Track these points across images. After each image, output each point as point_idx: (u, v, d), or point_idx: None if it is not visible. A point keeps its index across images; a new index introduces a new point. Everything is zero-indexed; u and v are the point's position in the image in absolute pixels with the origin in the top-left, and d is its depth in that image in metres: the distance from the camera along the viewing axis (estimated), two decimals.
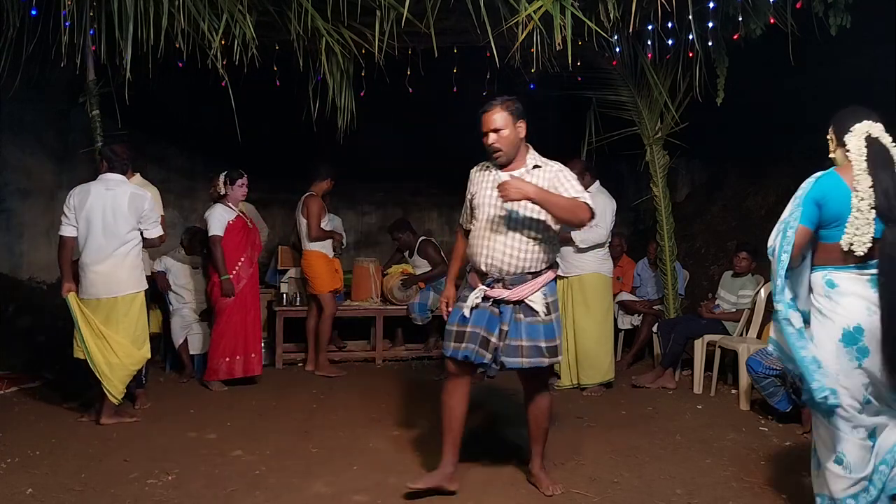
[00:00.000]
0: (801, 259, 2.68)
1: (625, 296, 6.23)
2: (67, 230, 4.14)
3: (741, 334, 5.18)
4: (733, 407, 4.72)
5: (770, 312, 5.02)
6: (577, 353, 5.16)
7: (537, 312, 3.07)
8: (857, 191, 2.54)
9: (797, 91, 5.74)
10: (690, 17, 4.17)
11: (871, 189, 2.51)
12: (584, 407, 4.74)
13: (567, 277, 5.21)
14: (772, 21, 4.47)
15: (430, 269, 6.31)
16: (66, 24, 4.05)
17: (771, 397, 4.23)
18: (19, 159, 6.13)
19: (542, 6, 3.85)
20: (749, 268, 5.36)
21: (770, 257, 2.66)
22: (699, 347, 5.17)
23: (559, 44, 3.92)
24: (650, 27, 4.83)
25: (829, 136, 2.81)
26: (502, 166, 3.20)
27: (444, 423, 3.16)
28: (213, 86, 4.56)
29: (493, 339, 3.06)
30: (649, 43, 5.09)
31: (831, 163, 2.76)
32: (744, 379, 4.64)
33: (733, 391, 5.03)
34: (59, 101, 6.18)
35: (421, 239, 6.50)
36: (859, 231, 2.52)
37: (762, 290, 5.17)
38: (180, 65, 4.48)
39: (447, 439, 3.16)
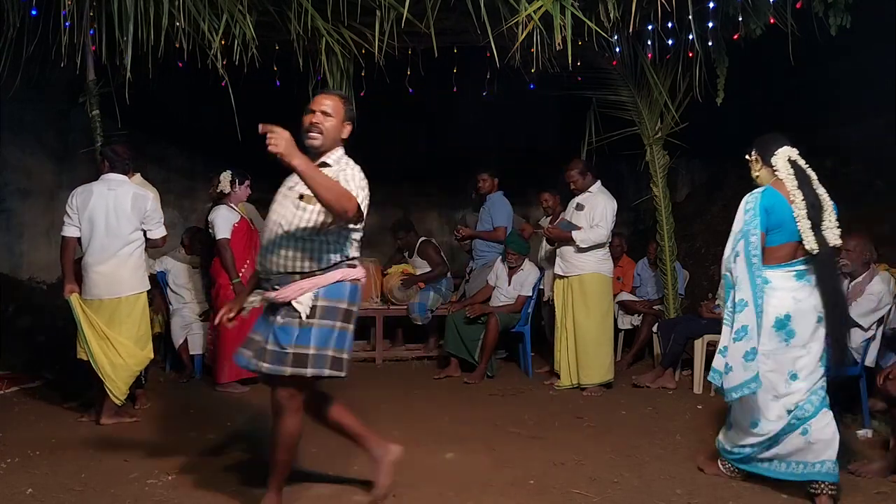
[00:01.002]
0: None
1: (625, 296, 6.23)
2: (70, 230, 4.13)
3: None
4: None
5: None
6: (577, 353, 5.16)
7: (298, 314, 2.75)
8: (796, 203, 3.08)
9: (797, 91, 5.75)
10: (690, 17, 4.17)
11: (803, 202, 3.06)
12: (584, 407, 4.74)
13: (567, 277, 5.22)
14: (772, 21, 4.47)
15: (429, 269, 6.31)
16: (66, 24, 4.05)
17: None
18: (19, 159, 6.13)
19: (542, 6, 3.85)
20: None
21: (731, 263, 3.13)
22: (699, 347, 5.17)
23: (559, 44, 3.93)
24: (650, 27, 4.83)
25: (753, 158, 3.45)
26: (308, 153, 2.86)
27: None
28: (213, 86, 4.56)
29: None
30: (649, 43, 5.09)
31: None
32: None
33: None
34: (59, 101, 6.18)
35: (421, 240, 6.50)
36: (808, 235, 3.03)
37: None
38: (180, 65, 4.48)
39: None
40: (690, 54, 5.00)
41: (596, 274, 5.16)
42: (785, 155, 3.26)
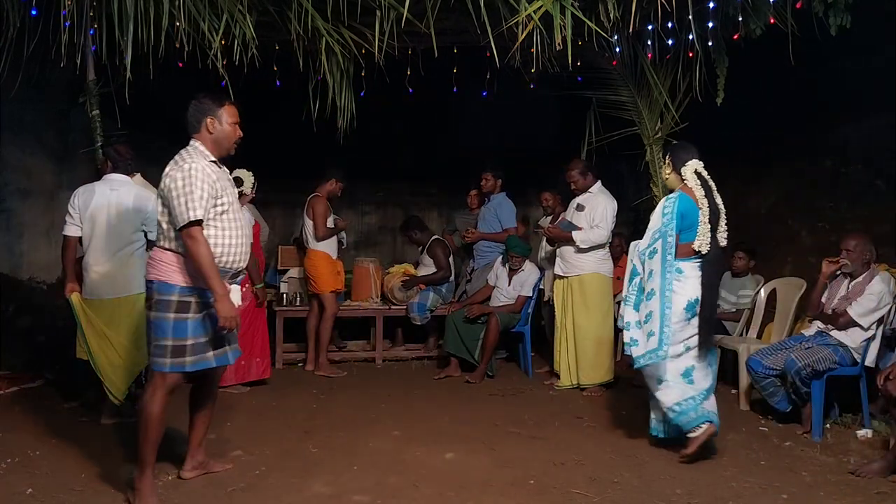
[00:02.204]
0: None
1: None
2: (71, 230, 4.14)
3: (741, 334, 5.18)
4: (733, 407, 4.72)
5: (770, 312, 5.04)
6: (577, 353, 5.16)
7: None
8: (703, 209, 3.65)
9: (797, 91, 5.74)
10: (690, 17, 4.17)
11: (708, 208, 3.64)
12: (584, 407, 4.74)
13: (567, 277, 5.22)
14: (772, 21, 4.47)
15: (434, 270, 6.31)
16: (66, 24, 4.05)
17: (771, 397, 4.23)
18: (19, 159, 6.12)
19: (542, 6, 3.85)
20: (746, 267, 5.36)
21: (646, 257, 3.71)
22: None
23: (559, 44, 3.92)
24: (650, 27, 4.83)
25: (665, 162, 3.89)
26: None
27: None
28: (214, 86, 4.56)
29: None
30: (649, 43, 5.09)
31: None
32: (744, 379, 4.64)
33: (733, 391, 5.03)
34: (59, 101, 6.17)
35: (434, 238, 6.50)
36: (704, 237, 3.64)
37: (762, 291, 5.17)
38: (180, 65, 4.48)
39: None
40: (690, 54, 5.00)
41: (596, 274, 5.16)
42: (693, 167, 3.74)
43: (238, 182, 5.18)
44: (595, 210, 5.14)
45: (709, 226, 3.63)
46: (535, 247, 6.20)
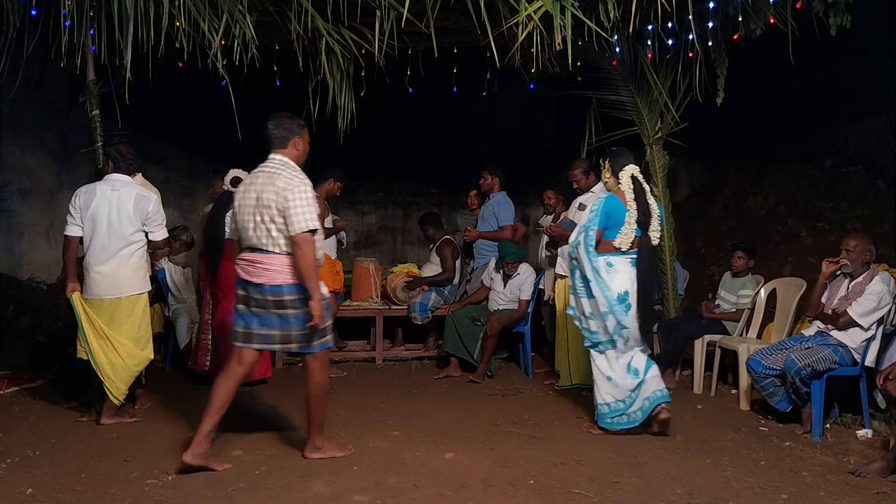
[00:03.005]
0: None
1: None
2: (72, 230, 4.14)
3: (741, 334, 5.18)
4: (733, 407, 4.72)
5: (770, 312, 5.04)
6: (579, 353, 5.15)
7: None
8: (631, 210, 4.06)
9: (797, 91, 5.74)
10: (690, 17, 4.17)
11: (636, 210, 4.06)
12: (584, 407, 4.74)
13: (568, 277, 5.20)
14: (772, 21, 4.47)
15: (439, 270, 6.30)
16: (66, 24, 4.05)
17: (771, 397, 4.23)
18: (19, 159, 6.12)
19: (542, 6, 3.85)
20: (745, 266, 5.36)
21: (574, 250, 4.13)
22: (699, 347, 5.17)
23: (559, 44, 3.92)
24: (650, 27, 4.83)
25: (605, 166, 4.23)
26: None
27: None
28: (214, 86, 4.56)
29: None
30: (649, 43, 5.09)
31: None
32: (744, 379, 4.64)
33: (733, 391, 5.03)
34: (59, 101, 6.17)
35: (444, 237, 6.45)
36: (626, 235, 4.07)
37: (762, 291, 5.17)
38: (180, 65, 4.48)
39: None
40: (690, 54, 5.00)
41: None
42: (629, 172, 4.13)
43: (238, 182, 5.18)
44: None
45: (634, 226, 4.06)
46: (535, 247, 6.20)
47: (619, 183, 4.14)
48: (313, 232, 3.35)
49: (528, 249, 6.82)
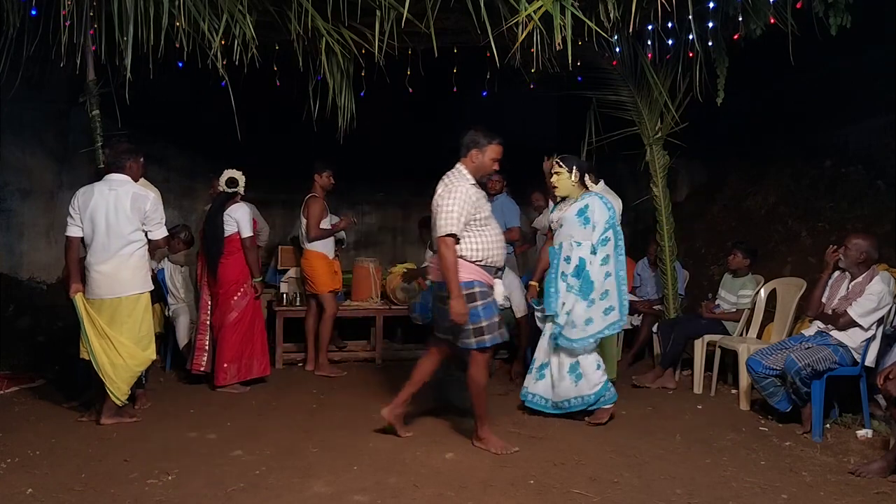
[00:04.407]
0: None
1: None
2: (72, 231, 4.15)
3: (741, 334, 5.18)
4: (733, 407, 4.72)
5: (770, 312, 5.04)
6: None
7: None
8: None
9: (797, 91, 5.74)
10: (690, 17, 4.17)
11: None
12: None
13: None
14: (772, 21, 4.46)
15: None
16: (66, 24, 4.05)
17: (771, 397, 4.23)
18: (19, 159, 6.13)
19: (542, 6, 3.85)
20: (743, 266, 5.36)
21: (597, 245, 4.27)
22: (699, 347, 5.17)
23: (559, 44, 3.92)
24: (650, 27, 4.83)
25: (573, 172, 4.34)
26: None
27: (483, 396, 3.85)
28: (214, 86, 4.56)
29: None
30: (649, 43, 5.09)
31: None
32: (744, 379, 4.64)
33: (733, 391, 5.03)
34: (59, 101, 6.18)
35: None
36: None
37: (762, 290, 5.17)
38: (180, 65, 4.48)
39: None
40: (690, 54, 5.00)
41: None
42: (591, 179, 4.41)
43: (234, 183, 5.21)
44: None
45: None
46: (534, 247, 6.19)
47: (586, 187, 4.39)
48: (453, 236, 3.64)
49: (535, 251, 6.81)
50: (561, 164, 4.38)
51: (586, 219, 4.29)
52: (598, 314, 4.24)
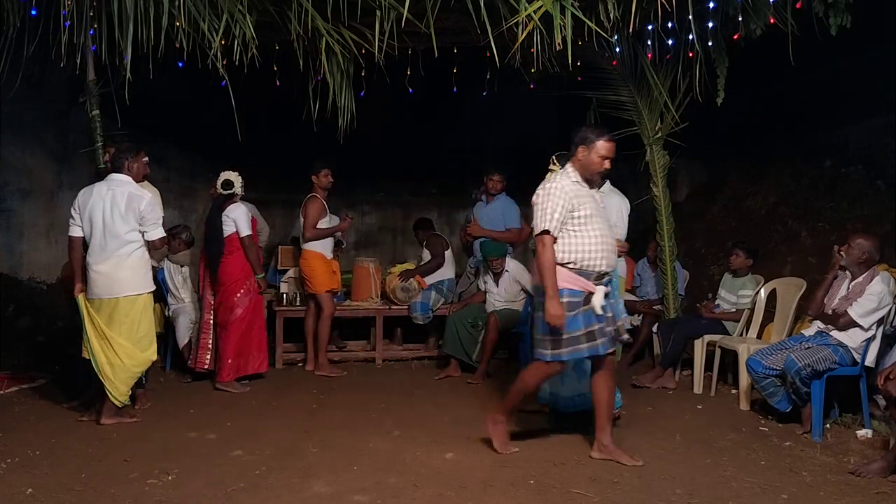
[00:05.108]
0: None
1: (625, 295, 6.23)
2: (74, 230, 4.17)
3: (741, 334, 5.18)
4: (733, 407, 4.72)
5: (770, 312, 5.04)
6: None
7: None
8: None
9: (797, 91, 5.74)
10: (690, 17, 4.17)
11: None
12: None
13: None
14: (772, 21, 4.46)
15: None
16: (66, 24, 4.05)
17: (771, 397, 4.23)
18: (19, 159, 6.13)
19: (542, 6, 3.85)
20: (742, 265, 5.36)
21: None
22: (699, 347, 5.17)
23: (559, 44, 3.92)
24: (650, 27, 4.83)
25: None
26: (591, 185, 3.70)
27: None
28: (214, 86, 4.56)
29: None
30: (649, 43, 5.09)
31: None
32: (744, 379, 4.64)
33: (733, 391, 5.03)
34: (59, 101, 6.18)
35: (431, 234, 6.61)
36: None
37: (762, 291, 5.17)
38: (180, 65, 4.48)
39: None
40: (690, 54, 5.00)
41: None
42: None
43: (229, 185, 5.24)
44: (610, 210, 5.13)
45: None
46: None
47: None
48: (549, 234, 3.48)
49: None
50: (556, 161, 4.36)
51: None
52: None
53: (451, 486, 3.22)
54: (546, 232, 3.49)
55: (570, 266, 3.50)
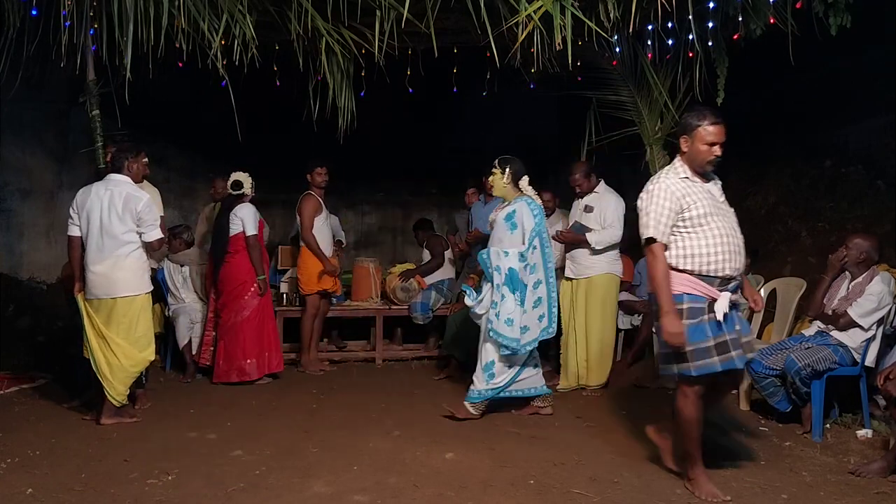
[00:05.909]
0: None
1: (625, 296, 6.21)
2: (73, 230, 4.17)
3: None
4: (733, 407, 4.72)
5: (770, 312, 5.03)
6: (589, 354, 5.14)
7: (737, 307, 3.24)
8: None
9: (797, 91, 5.74)
10: (690, 17, 4.17)
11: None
12: (583, 407, 4.74)
13: (577, 280, 5.19)
14: (772, 21, 4.46)
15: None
16: (66, 24, 4.05)
17: (771, 397, 4.23)
18: (19, 159, 6.13)
19: (542, 6, 3.85)
20: (746, 265, 5.35)
21: (528, 252, 4.30)
22: None
23: (559, 44, 3.92)
24: (650, 27, 4.82)
25: (506, 174, 4.43)
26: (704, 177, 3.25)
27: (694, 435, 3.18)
28: (214, 86, 4.57)
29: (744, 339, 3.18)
30: (649, 43, 5.08)
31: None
32: (744, 379, 4.63)
33: (733, 391, 5.02)
34: (59, 101, 6.18)
35: (431, 235, 6.63)
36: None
37: (762, 291, 5.16)
38: (180, 65, 4.48)
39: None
40: (690, 54, 5.00)
41: (608, 275, 5.16)
42: (526, 180, 4.46)
43: (238, 185, 5.27)
44: (605, 210, 5.14)
45: None
46: None
47: (521, 189, 4.44)
48: (655, 241, 3.09)
49: None
50: (496, 164, 4.41)
51: (513, 224, 4.33)
52: (533, 321, 4.29)
53: (451, 486, 3.22)
54: (652, 240, 3.09)
55: (690, 272, 3.09)
